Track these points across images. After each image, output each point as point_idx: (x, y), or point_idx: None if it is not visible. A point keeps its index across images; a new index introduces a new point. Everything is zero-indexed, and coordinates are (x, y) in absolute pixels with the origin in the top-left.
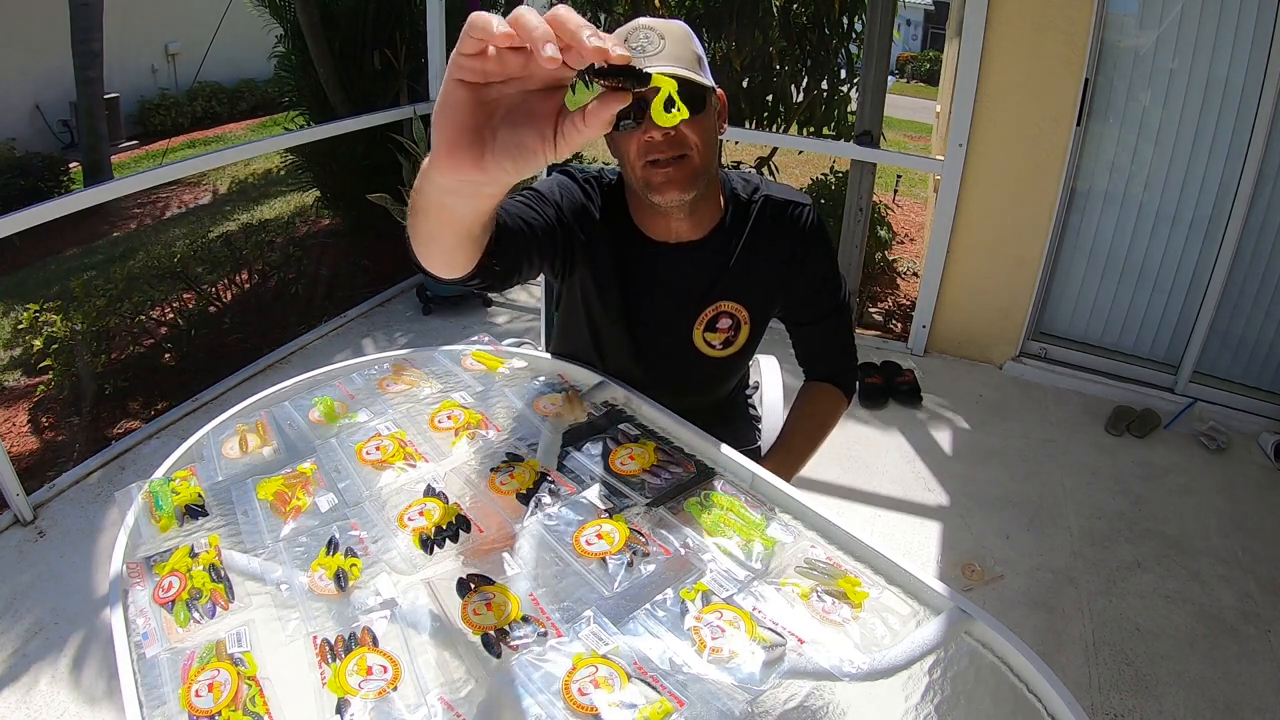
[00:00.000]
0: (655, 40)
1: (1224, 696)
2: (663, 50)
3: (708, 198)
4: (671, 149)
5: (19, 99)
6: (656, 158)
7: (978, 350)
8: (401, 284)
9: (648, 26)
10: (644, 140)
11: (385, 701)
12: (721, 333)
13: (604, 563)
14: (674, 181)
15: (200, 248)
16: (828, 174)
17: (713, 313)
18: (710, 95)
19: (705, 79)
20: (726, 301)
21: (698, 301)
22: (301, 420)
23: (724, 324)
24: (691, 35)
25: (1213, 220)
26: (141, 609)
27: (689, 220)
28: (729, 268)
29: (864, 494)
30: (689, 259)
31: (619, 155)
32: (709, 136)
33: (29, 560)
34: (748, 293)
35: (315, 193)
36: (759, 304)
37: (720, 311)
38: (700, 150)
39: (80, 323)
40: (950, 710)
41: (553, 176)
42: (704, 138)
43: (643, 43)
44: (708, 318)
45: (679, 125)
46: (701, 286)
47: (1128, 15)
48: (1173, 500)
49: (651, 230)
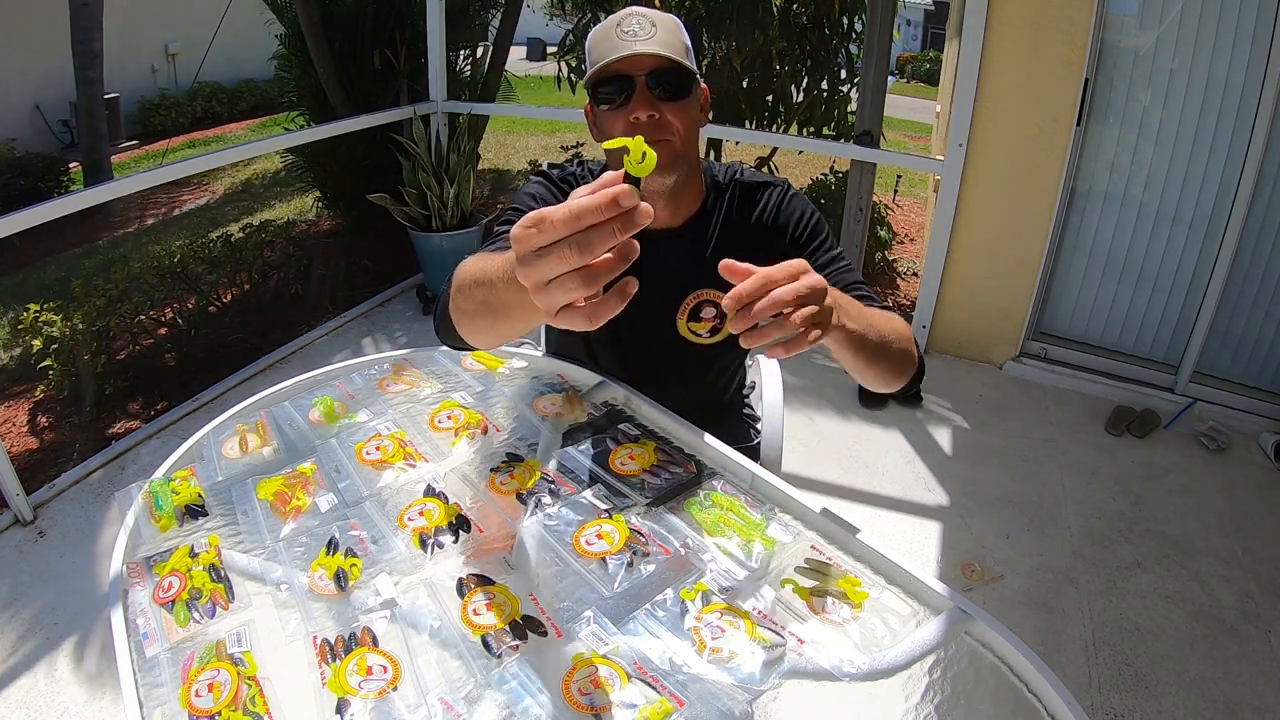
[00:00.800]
0: (648, 26)
1: (1224, 696)
2: (654, 36)
3: (688, 185)
4: (656, 131)
5: (19, 99)
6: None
7: (978, 350)
8: (401, 284)
9: (641, 14)
10: (630, 121)
11: (385, 701)
12: (707, 321)
13: (604, 563)
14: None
15: (200, 248)
16: (828, 174)
17: (694, 301)
18: (694, 84)
19: (691, 66)
20: (708, 289)
21: (678, 290)
22: (301, 420)
23: (708, 313)
24: (681, 27)
25: (1213, 220)
26: (141, 609)
27: (669, 208)
28: (707, 255)
29: (864, 494)
30: (667, 247)
31: (605, 138)
32: (691, 123)
33: (29, 560)
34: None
35: (315, 193)
36: None
37: (702, 300)
38: (682, 135)
39: (80, 323)
40: (950, 710)
41: (530, 187)
42: (686, 123)
43: (635, 28)
44: (689, 306)
45: (664, 110)
46: (681, 275)
47: (1128, 15)
48: (1173, 500)
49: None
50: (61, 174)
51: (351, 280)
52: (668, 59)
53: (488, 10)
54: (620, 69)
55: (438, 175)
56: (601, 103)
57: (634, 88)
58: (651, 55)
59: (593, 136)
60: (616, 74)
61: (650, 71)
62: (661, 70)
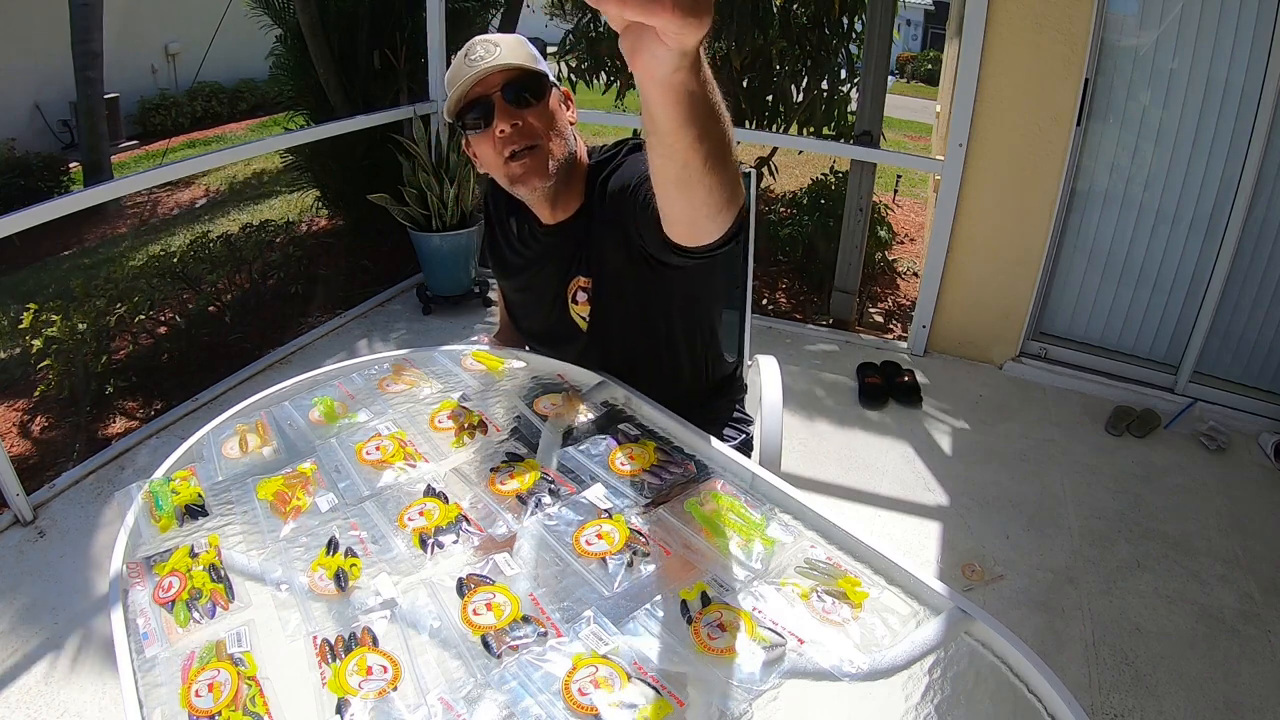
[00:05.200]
0: (492, 49)
1: (1224, 696)
2: (498, 55)
3: (569, 183)
4: (523, 138)
5: (19, 99)
6: (513, 149)
7: (978, 350)
8: (401, 284)
9: (484, 40)
10: (496, 136)
11: (385, 701)
12: (584, 305)
13: (604, 563)
14: (532, 171)
15: (200, 248)
16: (828, 174)
17: (574, 288)
18: (548, 84)
19: (539, 66)
20: (582, 276)
21: (563, 277)
22: (301, 420)
23: (581, 298)
24: (525, 41)
25: (1213, 220)
26: (141, 609)
27: (554, 207)
28: (584, 242)
29: (864, 494)
30: (556, 241)
31: (483, 164)
32: (554, 122)
33: (29, 560)
34: (597, 260)
35: (315, 193)
36: (605, 264)
37: (579, 287)
38: (548, 137)
39: (80, 323)
40: (950, 710)
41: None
42: (547, 123)
43: (480, 53)
44: (571, 292)
45: (524, 115)
46: (564, 263)
47: (1128, 15)
48: (1173, 500)
49: (538, 213)
50: (61, 174)
51: (351, 280)
52: (514, 68)
53: (488, 10)
54: (476, 93)
55: (438, 175)
56: (468, 129)
57: (492, 105)
58: (499, 69)
59: (475, 169)
60: (474, 99)
61: (503, 86)
62: (512, 81)
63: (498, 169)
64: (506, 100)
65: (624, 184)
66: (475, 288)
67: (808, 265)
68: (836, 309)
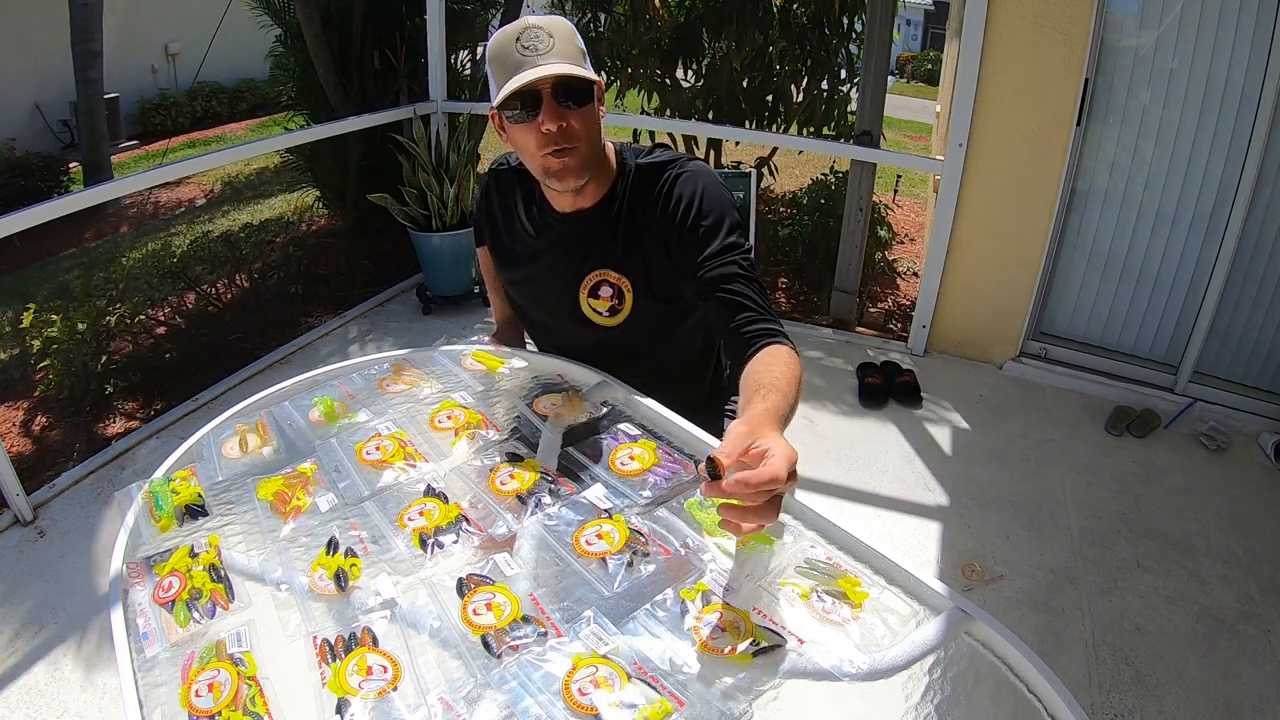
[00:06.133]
0: (545, 39)
1: (1224, 696)
2: (553, 48)
3: (595, 175)
4: (565, 140)
5: (19, 99)
6: (554, 148)
7: (978, 350)
8: (401, 284)
9: (536, 26)
10: (541, 133)
11: (385, 701)
12: (605, 300)
13: (604, 563)
14: (570, 169)
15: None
16: (828, 174)
17: (594, 279)
18: (594, 87)
19: (589, 73)
20: (608, 270)
21: (581, 267)
22: (301, 420)
23: (605, 292)
24: (575, 31)
25: (1213, 220)
26: (141, 609)
27: (581, 195)
28: (610, 236)
29: (864, 494)
30: (573, 227)
31: (518, 148)
32: (594, 125)
33: (29, 560)
34: (629, 262)
35: (315, 193)
36: (641, 273)
37: (602, 279)
38: (587, 139)
39: (80, 323)
40: (950, 710)
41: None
42: (590, 128)
43: (534, 42)
44: (590, 284)
45: (569, 118)
46: (584, 253)
47: (1128, 15)
48: (1173, 500)
49: (553, 201)
50: (61, 174)
51: (351, 280)
52: (570, 76)
53: (488, 10)
54: (527, 87)
55: (438, 175)
56: (510, 115)
57: (541, 99)
58: (554, 76)
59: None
60: (523, 90)
61: (555, 84)
62: (566, 83)
63: (534, 159)
64: (556, 100)
65: (703, 225)
66: (475, 287)
67: (807, 265)
68: (836, 309)
